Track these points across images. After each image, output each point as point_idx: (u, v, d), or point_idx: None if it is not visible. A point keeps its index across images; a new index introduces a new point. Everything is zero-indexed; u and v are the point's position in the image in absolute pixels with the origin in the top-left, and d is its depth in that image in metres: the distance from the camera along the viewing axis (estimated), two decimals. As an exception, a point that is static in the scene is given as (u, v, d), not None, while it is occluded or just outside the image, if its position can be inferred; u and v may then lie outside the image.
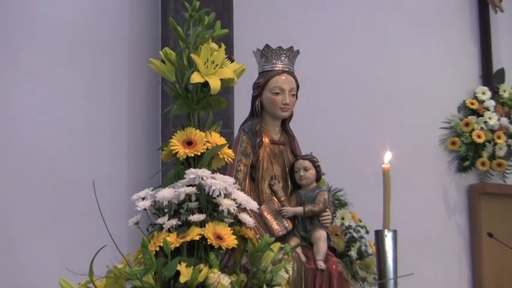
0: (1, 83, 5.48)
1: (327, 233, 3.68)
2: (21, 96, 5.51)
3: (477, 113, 7.35)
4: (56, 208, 5.48)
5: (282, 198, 3.65)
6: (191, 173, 2.99)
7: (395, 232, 3.60)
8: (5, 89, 5.48)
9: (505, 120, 7.36)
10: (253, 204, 3.10)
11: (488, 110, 7.34)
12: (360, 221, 6.09)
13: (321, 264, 3.55)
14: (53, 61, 5.67)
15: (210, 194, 2.98)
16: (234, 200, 3.02)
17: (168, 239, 2.87)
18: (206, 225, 2.93)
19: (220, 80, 3.12)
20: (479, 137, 7.23)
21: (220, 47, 3.17)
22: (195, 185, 2.99)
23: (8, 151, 5.43)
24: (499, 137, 7.30)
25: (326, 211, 3.69)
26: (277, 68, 3.66)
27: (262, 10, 6.37)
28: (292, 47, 3.71)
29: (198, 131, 3.12)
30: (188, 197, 2.98)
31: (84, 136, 5.70)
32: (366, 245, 5.97)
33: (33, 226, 5.43)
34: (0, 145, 5.42)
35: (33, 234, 5.41)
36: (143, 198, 3.05)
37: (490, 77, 7.52)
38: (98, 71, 5.83)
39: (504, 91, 7.49)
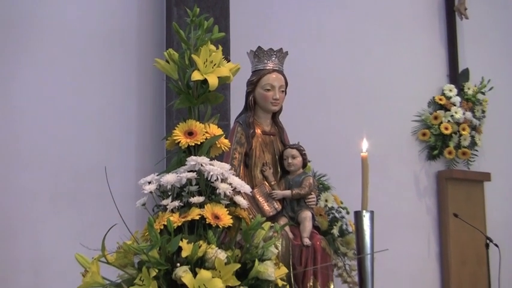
0: (24, 79, 5.46)
1: (312, 213, 3.67)
2: (41, 91, 5.49)
3: (445, 108, 7.36)
4: (71, 191, 5.46)
5: (273, 183, 3.64)
6: (192, 160, 2.99)
7: (372, 213, 3.61)
8: (27, 84, 5.45)
9: (469, 115, 7.39)
10: (246, 188, 3.10)
11: (455, 105, 7.35)
12: (341, 203, 6.10)
13: (307, 241, 3.55)
14: (70, 60, 5.64)
15: (209, 178, 2.98)
16: (230, 184, 3.02)
17: (171, 218, 2.87)
18: (205, 206, 2.93)
19: (218, 77, 3.11)
20: (446, 129, 7.25)
21: (217, 48, 3.17)
22: (195, 171, 2.99)
23: (28, 141, 5.41)
24: (463, 129, 7.32)
25: (311, 194, 3.68)
26: (268, 67, 3.66)
27: (255, 16, 6.36)
28: (281, 48, 3.70)
29: (198, 123, 3.11)
30: (189, 181, 2.98)
31: (97, 127, 5.69)
32: (346, 224, 5.97)
33: (52, 207, 5.42)
34: (21, 135, 5.41)
35: (51, 215, 5.40)
36: (149, 182, 3.05)
37: (456, 76, 7.54)
38: (110, 69, 5.81)
39: (468, 88, 7.51)
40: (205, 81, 3.10)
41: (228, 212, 2.96)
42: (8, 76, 5.43)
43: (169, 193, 3.01)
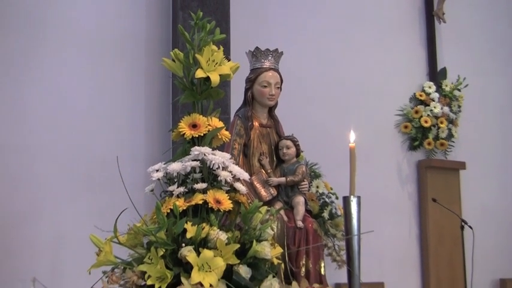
0: (42, 77, 5.45)
1: (304, 198, 3.66)
2: (58, 87, 5.49)
3: (424, 103, 7.36)
4: (87, 178, 5.46)
5: (269, 171, 3.63)
6: (195, 150, 2.99)
7: (359, 198, 3.59)
8: (45, 81, 5.45)
9: (446, 109, 7.40)
10: (245, 175, 3.10)
11: (434, 101, 7.36)
12: (331, 189, 6.09)
13: (300, 223, 3.54)
14: (85, 59, 5.65)
15: (211, 167, 2.98)
16: (230, 172, 3.02)
17: (177, 203, 2.87)
18: (208, 192, 2.93)
19: (219, 75, 3.12)
20: (426, 122, 7.25)
21: (219, 48, 3.16)
22: (198, 160, 2.98)
23: (48, 133, 5.41)
24: (441, 122, 7.32)
25: (304, 181, 3.67)
26: (265, 66, 3.64)
27: (253, 20, 6.35)
28: (277, 49, 3.69)
29: (201, 116, 3.11)
30: (193, 169, 2.98)
31: (109, 121, 5.69)
32: (335, 208, 5.96)
33: (69, 193, 5.43)
34: (41, 129, 5.41)
35: (69, 200, 5.41)
36: (157, 170, 3.05)
37: (435, 75, 7.54)
38: (121, 67, 5.81)
39: (446, 86, 7.51)
40: (207, 79, 3.10)
41: (228, 197, 2.97)
42: (29, 74, 5.43)
43: (175, 180, 3.01)
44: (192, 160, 2.99)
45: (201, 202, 2.90)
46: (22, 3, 5.46)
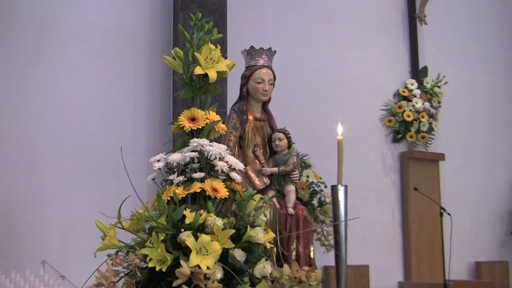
0: (53, 73, 5.45)
1: (295, 187, 3.66)
2: (67, 83, 5.49)
3: (407, 99, 7.37)
4: (93, 168, 5.47)
5: (262, 161, 3.62)
6: (194, 142, 2.97)
7: (346, 187, 3.59)
8: (56, 77, 5.45)
9: (427, 105, 7.41)
10: (240, 165, 3.08)
11: (416, 97, 7.37)
12: (320, 178, 6.10)
13: (291, 210, 3.53)
14: (93, 56, 5.66)
15: (208, 157, 2.96)
16: (226, 162, 3.01)
17: (176, 191, 2.86)
18: (205, 181, 2.92)
19: (217, 72, 3.10)
20: (408, 116, 7.26)
21: (216, 47, 3.14)
22: (197, 151, 2.97)
23: (57, 126, 5.42)
24: (423, 117, 7.34)
25: (295, 171, 3.67)
26: (259, 64, 3.63)
27: (248, 21, 6.35)
28: (270, 48, 3.68)
29: (199, 110, 3.09)
30: (192, 159, 2.96)
31: (114, 114, 5.70)
32: (324, 196, 5.97)
33: (77, 181, 5.44)
34: (51, 122, 5.42)
35: (76, 188, 5.42)
36: (158, 161, 3.04)
37: (417, 73, 7.56)
38: (126, 65, 5.81)
39: (427, 83, 7.53)
40: (205, 75, 3.09)
41: (224, 185, 2.95)
42: (40, 72, 5.43)
43: (175, 170, 3.00)
44: (191, 151, 2.97)
45: (199, 190, 2.89)
46: (34, 4, 5.44)
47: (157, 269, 2.68)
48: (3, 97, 5.27)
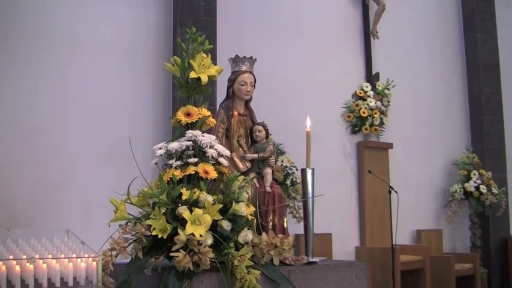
0: (78, 79, 5.46)
1: (272, 170, 3.64)
2: (89, 86, 5.52)
3: (363, 99, 7.37)
4: (107, 154, 5.46)
5: (245, 149, 3.60)
6: (189, 133, 2.98)
7: (313, 170, 3.59)
8: (81, 82, 5.46)
9: (379, 103, 7.42)
10: (227, 152, 3.08)
11: (370, 97, 7.37)
12: (292, 163, 6.12)
13: (268, 189, 3.51)
14: (106, 64, 5.65)
15: (201, 145, 2.96)
16: (216, 149, 3.01)
17: (175, 173, 2.86)
18: (198, 165, 2.91)
19: (208, 76, 3.09)
20: (364, 113, 7.26)
21: (207, 56, 3.13)
22: (191, 140, 2.96)
23: (78, 119, 5.41)
24: (375, 113, 7.35)
25: (272, 157, 3.65)
26: (243, 69, 3.59)
27: (234, 34, 6.31)
28: (252, 56, 3.65)
29: (193, 107, 3.09)
30: (187, 147, 2.96)
31: (125, 110, 5.70)
32: (296, 178, 5.98)
33: (94, 166, 5.44)
34: (73, 115, 5.41)
35: (94, 171, 5.42)
36: (160, 148, 3.04)
37: (371, 77, 7.56)
38: (134, 70, 5.81)
39: (379, 86, 7.54)
40: (199, 79, 3.08)
41: (214, 168, 2.95)
42: (66, 77, 5.42)
43: (174, 155, 2.99)
44: (187, 140, 2.97)
45: (193, 172, 2.89)
46: (57, 22, 5.42)
47: (159, 236, 2.68)
48: (38, 98, 5.27)
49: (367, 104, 7.31)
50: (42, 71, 5.29)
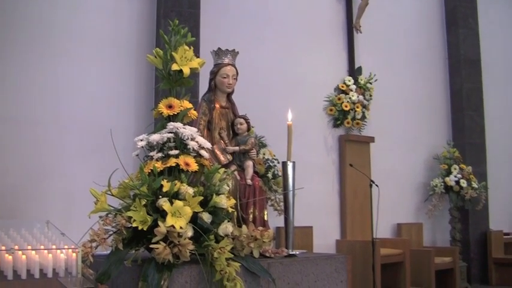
0: (57, 68, 5.42)
1: (253, 162, 3.65)
2: (76, 78, 5.50)
3: (345, 92, 7.40)
4: (90, 145, 5.44)
5: (227, 141, 3.61)
6: (171, 125, 2.98)
7: (294, 163, 3.61)
8: (59, 71, 5.43)
9: (361, 97, 7.45)
10: (208, 145, 3.08)
11: (352, 91, 7.40)
12: (274, 155, 6.13)
13: (249, 181, 3.53)
14: (91, 56, 5.63)
15: (182, 138, 2.96)
16: (197, 142, 3.01)
17: (156, 165, 2.86)
18: (179, 157, 2.91)
19: (190, 68, 3.09)
20: (346, 106, 7.30)
21: (190, 48, 3.13)
22: (173, 132, 2.97)
23: (65, 111, 5.39)
24: (357, 107, 7.37)
25: (253, 149, 3.66)
26: (225, 62, 3.60)
27: (216, 27, 6.32)
28: (234, 49, 3.66)
29: (175, 99, 3.09)
30: (169, 139, 2.96)
31: (109, 102, 5.69)
32: (277, 170, 6.00)
33: (77, 157, 5.43)
34: (59, 109, 5.39)
35: (77, 161, 5.42)
36: (141, 140, 3.03)
37: (353, 71, 7.58)
38: (118, 62, 5.80)
39: (361, 80, 7.56)
40: (181, 71, 3.08)
41: (195, 161, 2.96)
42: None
43: (155, 147, 2.99)
44: (168, 132, 2.97)
45: (174, 164, 2.89)
46: (38, 12, 5.39)
47: (139, 228, 2.68)
48: (19, 89, 5.24)
49: (349, 97, 7.33)
50: (23, 62, 5.25)
